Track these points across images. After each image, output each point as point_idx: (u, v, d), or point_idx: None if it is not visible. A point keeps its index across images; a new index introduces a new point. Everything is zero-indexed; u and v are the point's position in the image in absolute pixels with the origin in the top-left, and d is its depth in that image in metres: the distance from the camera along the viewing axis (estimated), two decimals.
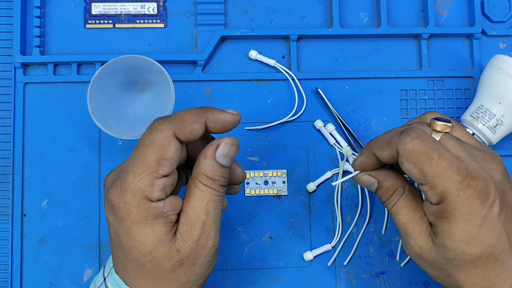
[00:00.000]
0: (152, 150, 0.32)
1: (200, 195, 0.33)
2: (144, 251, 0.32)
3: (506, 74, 0.44)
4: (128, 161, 0.33)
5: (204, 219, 0.33)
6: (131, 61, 0.42)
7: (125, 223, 0.32)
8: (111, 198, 0.32)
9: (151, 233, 0.32)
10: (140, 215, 0.32)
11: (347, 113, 0.49)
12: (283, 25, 0.49)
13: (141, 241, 0.32)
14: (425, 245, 0.34)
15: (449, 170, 0.32)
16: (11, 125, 0.46)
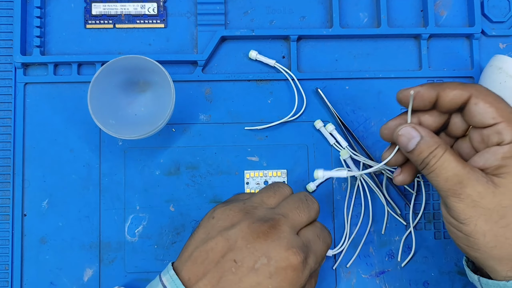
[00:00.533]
0: (319, 245, 0.38)
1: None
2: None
3: (506, 74, 0.44)
4: (312, 242, 0.37)
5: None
6: (132, 61, 0.42)
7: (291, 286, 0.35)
8: (297, 264, 0.35)
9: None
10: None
11: (347, 113, 0.49)
12: (283, 25, 0.49)
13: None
14: (486, 189, 0.33)
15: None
16: (11, 125, 0.46)
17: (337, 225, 0.47)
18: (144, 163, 0.47)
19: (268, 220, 0.35)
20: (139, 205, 0.46)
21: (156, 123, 0.43)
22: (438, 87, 0.36)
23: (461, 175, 0.34)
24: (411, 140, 0.36)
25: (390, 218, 0.47)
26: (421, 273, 0.47)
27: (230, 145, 0.47)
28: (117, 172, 0.47)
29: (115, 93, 0.44)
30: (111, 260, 0.46)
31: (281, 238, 0.35)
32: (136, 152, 0.47)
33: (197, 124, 0.48)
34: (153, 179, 0.47)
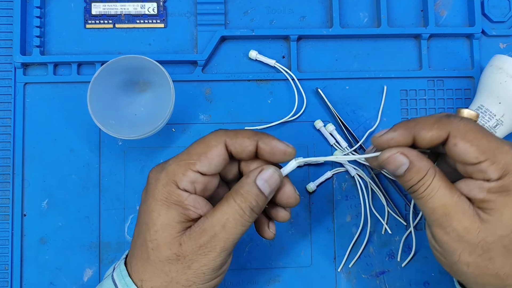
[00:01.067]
0: (199, 146, 0.34)
1: (225, 209, 0.33)
2: (151, 229, 0.33)
3: (506, 74, 0.44)
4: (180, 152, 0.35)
5: (217, 231, 0.33)
6: (131, 61, 0.42)
7: (148, 198, 0.34)
8: (149, 174, 0.35)
9: (164, 215, 0.33)
10: (163, 194, 0.33)
11: (347, 113, 0.48)
12: (283, 25, 0.49)
13: (152, 218, 0.33)
14: (472, 224, 0.32)
15: (503, 144, 0.32)
16: (11, 125, 0.46)
17: (337, 226, 0.47)
18: (144, 163, 0.47)
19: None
20: (139, 205, 0.46)
21: (156, 123, 0.43)
22: (413, 128, 0.34)
23: (448, 206, 0.33)
24: (399, 167, 0.34)
25: (390, 218, 0.47)
26: (421, 273, 0.47)
27: None
28: (117, 172, 0.47)
29: (114, 93, 0.44)
30: (111, 260, 0.46)
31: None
32: (136, 152, 0.47)
33: (197, 124, 0.48)
34: None
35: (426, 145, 0.34)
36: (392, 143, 0.34)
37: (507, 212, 0.32)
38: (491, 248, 0.32)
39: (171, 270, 0.33)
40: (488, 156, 0.32)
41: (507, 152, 0.32)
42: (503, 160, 0.32)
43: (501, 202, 0.32)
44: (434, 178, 0.33)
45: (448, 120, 0.33)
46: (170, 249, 0.33)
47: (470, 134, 0.32)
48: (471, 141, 0.32)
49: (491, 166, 0.32)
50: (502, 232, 0.32)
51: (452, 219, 0.33)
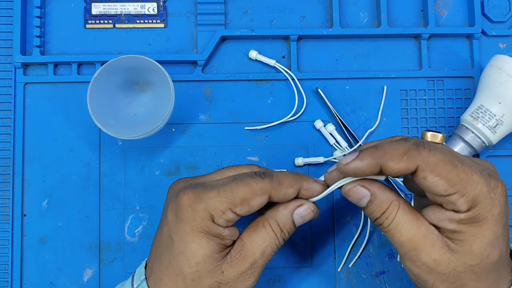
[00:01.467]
0: (245, 191, 0.34)
1: (264, 236, 0.35)
2: (191, 260, 0.33)
3: (506, 74, 0.44)
4: (216, 180, 0.35)
5: (257, 258, 0.34)
6: (131, 61, 0.42)
7: (185, 226, 0.33)
8: (184, 198, 0.34)
9: (205, 246, 0.33)
10: (202, 226, 0.33)
11: (347, 113, 0.48)
12: (283, 25, 0.49)
13: (193, 249, 0.33)
14: (442, 256, 0.32)
15: (474, 173, 0.31)
16: (11, 125, 0.46)
17: (337, 226, 0.47)
18: (144, 163, 0.47)
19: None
20: (139, 205, 0.46)
21: (156, 123, 0.43)
22: (380, 158, 0.32)
23: (415, 240, 0.33)
24: (361, 199, 0.34)
25: None
26: None
27: (230, 145, 0.47)
28: (117, 172, 0.47)
29: (114, 93, 0.44)
30: (111, 260, 0.46)
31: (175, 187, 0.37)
32: (136, 152, 0.47)
33: (197, 124, 0.48)
34: (153, 179, 0.47)
35: (394, 175, 0.33)
36: (358, 172, 0.33)
37: (477, 242, 0.32)
38: (462, 276, 0.33)
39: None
40: (458, 189, 0.31)
41: (476, 182, 0.31)
42: (472, 192, 0.31)
43: (471, 233, 0.32)
44: (398, 210, 0.33)
45: (417, 151, 0.32)
46: (212, 278, 0.34)
47: (439, 167, 0.31)
48: (440, 175, 0.31)
49: (461, 199, 0.31)
50: (472, 262, 0.32)
51: (421, 253, 0.33)
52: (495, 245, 0.32)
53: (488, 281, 0.33)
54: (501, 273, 0.34)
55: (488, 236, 0.32)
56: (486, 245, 0.32)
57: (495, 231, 0.32)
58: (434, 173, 0.31)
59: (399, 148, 0.32)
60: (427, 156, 0.31)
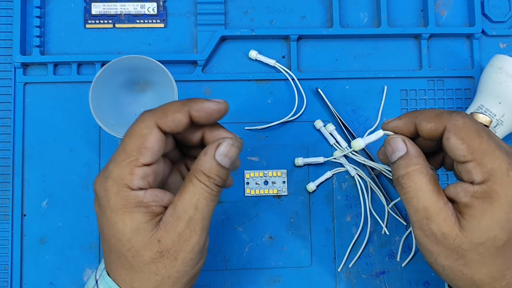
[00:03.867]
0: (133, 139, 0.32)
1: (192, 190, 0.33)
2: (123, 239, 0.32)
3: (506, 74, 0.44)
4: (114, 153, 0.34)
5: (192, 214, 0.32)
6: (133, 61, 0.42)
7: (106, 211, 0.32)
8: (95, 187, 0.33)
9: (129, 222, 0.32)
10: (118, 202, 0.32)
11: (347, 113, 0.48)
12: (283, 25, 0.49)
13: (119, 229, 0.32)
14: (451, 231, 0.32)
15: (498, 150, 0.32)
16: (11, 125, 0.46)
17: (337, 225, 0.47)
18: None
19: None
20: None
21: None
22: (416, 118, 0.34)
23: (431, 210, 0.33)
24: (395, 151, 0.35)
25: (390, 218, 0.47)
26: (421, 273, 0.47)
27: None
28: None
29: (116, 93, 0.44)
30: None
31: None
32: None
33: None
34: None
35: (426, 135, 0.34)
36: (397, 130, 0.36)
37: (485, 219, 0.32)
38: (466, 254, 0.33)
39: (159, 268, 0.33)
40: (475, 157, 0.32)
41: (497, 157, 0.32)
42: (489, 165, 0.32)
43: (481, 209, 0.32)
44: (424, 178, 0.33)
45: (448, 114, 0.33)
46: (150, 249, 0.32)
47: (464, 132, 0.32)
48: (463, 139, 0.32)
49: (476, 168, 0.32)
50: (478, 240, 0.32)
51: (432, 223, 0.33)
52: (503, 227, 0.31)
53: (493, 265, 0.33)
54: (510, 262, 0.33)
55: (498, 215, 0.31)
56: (494, 224, 0.31)
57: (506, 212, 0.31)
58: (457, 135, 0.32)
59: (434, 111, 0.34)
60: (455, 119, 0.32)
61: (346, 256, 0.47)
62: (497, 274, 0.33)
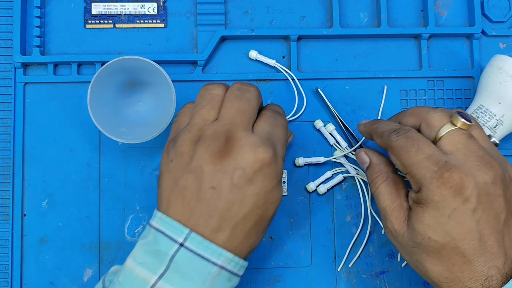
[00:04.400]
0: (286, 131, 0.39)
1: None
2: (277, 205, 0.37)
3: (506, 74, 0.44)
4: (271, 133, 0.37)
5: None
6: (129, 62, 0.42)
7: (273, 181, 0.36)
8: (269, 161, 0.35)
9: (282, 190, 0.38)
10: (281, 176, 0.37)
11: (347, 113, 0.49)
12: (283, 25, 0.49)
13: (278, 197, 0.37)
14: (400, 229, 0.37)
15: (426, 161, 0.35)
16: (11, 125, 0.46)
17: (337, 225, 0.47)
18: (144, 163, 0.47)
19: (220, 136, 0.35)
20: (139, 205, 0.46)
21: (157, 125, 0.43)
22: (373, 129, 0.41)
23: (387, 210, 0.38)
24: (363, 162, 0.42)
25: None
26: None
27: None
28: (117, 172, 0.47)
29: (114, 95, 0.44)
30: (111, 260, 0.46)
31: (242, 145, 0.35)
32: (136, 152, 0.47)
33: None
34: (153, 179, 0.47)
35: (378, 145, 0.40)
36: (364, 134, 0.43)
37: (418, 222, 0.36)
38: (414, 251, 0.37)
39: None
40: (408, 171, 0.36)
41: (422, 168, 0.35)
42: (417, 176, 0.36)
43: (416, 212, 0.36)
44: (383, 182, 0.39)
45: (388, 135, 0.38)
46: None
47: (396, 150, 0.37)
48: (397, 156, 0.37)
49: (411, 179, 0.37)
50: (416, 239, 0.36)
51: (387, 221, 0.38)
52: (436, 230, 0.35)
53: (442, 266, 0.35)
54: (462, 266, 0.35)
55: (428, 219, 0.35)
56: (425, 227, 0.35)
57: (434, 216, 0.35)
58: (393, 154, 0.38)
59: (385, 127, 0.39)
60: (391, 140, 0.38)
61: (346, 256, 0.47)
62: (450, 275, 0.35)
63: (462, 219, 0.34)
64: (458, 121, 0.36)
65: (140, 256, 0.35)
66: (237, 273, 0.36)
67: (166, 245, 0.34)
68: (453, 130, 0.36)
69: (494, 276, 0.34)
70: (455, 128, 0.36)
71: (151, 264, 0.34)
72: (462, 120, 0.36)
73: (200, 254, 0.34)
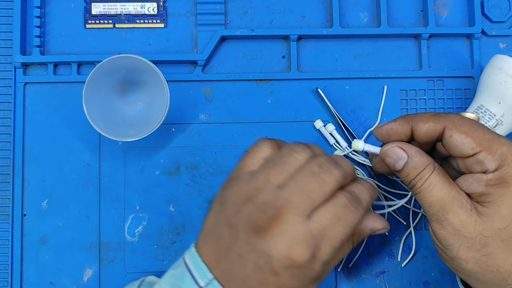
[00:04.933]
0: (350, 231, 0.33)
1: (346, 251, 0.37)
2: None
3: (506, 74, 0.44)
4: (323, 228, 0.32)
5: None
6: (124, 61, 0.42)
7: (301, 282, 0.32)
8: (302, 264, 0.31)
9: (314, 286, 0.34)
10: (318, 277, 0.33)
11: (347, 113, 0.49)
12: (283, 25, 0.49)
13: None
14: (469, 218, 0.32)
15: (501, 137, 0.33)
16: (11, 125, 0.46)
17: None
18: (144, 163, 0.47)
19: (267, 210, 0.31)
20: (139, 205, 0.46)
21: (152, 124, 0.42)
22: (411, 120, 0.35)
23: (445, 200, 0.33)
24: (398, 161, 0.35)
25: (390, 218, 0.47)
26: (421, 273, 0.47)
27: (230, 145, 0.47)
28: (117, 172, 0.47)
29: (109, 94, 0.44)
30: (111, 260, 0.46)
31: (283, 232, 0.31)
32: (136, 152, 0.47)
33: (197, 124, 0.48)
34: (153, 179, 0.47)
35: (423, 136, 0.35)
36: (391, 133, 0.36)
37: (505, 204, 0.32)
38: (489, 242, 0.32)
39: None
40: (484, 147, 0.32)
41: (503, 143, 0.32)
42: (499, 151, 0.32)
43: (499, 194, 0.32)
44: (432, 173, 0.34)
45: (445, 114, 0.34)
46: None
47: (464, 126, 0.33)
48: (466, 132, 0.33)
49: (488, 156, 0.32)
50: (500, 225, 0.32)
51: (449, 213, 0.33)
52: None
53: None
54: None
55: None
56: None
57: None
58: (459, 131, 0.33)
59: (429, 113, 0.35)
60: (453, 117, 0.34)
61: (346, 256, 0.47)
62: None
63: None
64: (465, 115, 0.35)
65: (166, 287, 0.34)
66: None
67: (189, 285, 0.33)
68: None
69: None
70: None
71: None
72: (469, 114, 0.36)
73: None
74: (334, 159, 0.34)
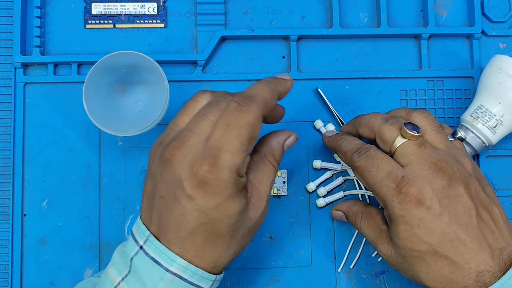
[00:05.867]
0: (247, 131, 0.33)
1: (268, 173, 0.37)
2: (230, 222, 0.33)
3: (506, 74, 0.44)
4: (216, 138, 0.32)
5: (269, 193, 0.37)
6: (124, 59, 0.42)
7: (216, 198, 0.32)
8: (206, 175, 0.32)
9: (239, 205, 0.34)
10: (234, 190, 0.33)
11: (347, 113, 0.49)
12: (283, 25, 0.49)
13: (230, 213, 0.33)
14: (388, 251, 0.39)
15: (385, 179, 0.37)
16: (11, 125, 0.46)
17: (336, 225, 0.47)
18: (144, 163, 0.47)
19: (172, 142, 0.33)
20: (139, 205, 0.46)
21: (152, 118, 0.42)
22: (340, 143, 0.42)
23: (373, 239, 0.40)
24: (341, 217, 0.45)
25: None
26: None
27: None
28: (117, 172, 0.47)
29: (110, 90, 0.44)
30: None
31: (184, 156, 0.32)
32: (136, 152, 0.47)
33: None
34: None
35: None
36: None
37: (396, 238, 0.37)
38: (405, 266, 0.38)
39: (243, 241, 0.36)
40: (371, 190, 0.39)
41: (384, 186, 0.37)
42: (380, 194, 0.38)
43: (391, 229, 0.38)
44: (361, 220, 0.42)
45: (351, 156, 0.40)
46: (244, 227, 0.35)
47: (359, 171, 0.39)
48: (360, 176, 0.39)
49: (377, 198, 0.39)
50: (401, 254, 0.37)
51: (377, 248, 0.40)
52: (412, 241, 0.36)
53: (434, 272, 0.36)
54: (450, 267, 0.35)
55: (401, 233, 0.37)
56: (403, 240, 0.37)
57: (406, 229, 0.36)
58: (357, 174, 0.40)
59: (348, 146, 0.41)
60: (355, 162, 0.39)
61: (346, 256, 0.47)
62: (443, 279, 0.36)
63: (431, 226, 0.36)
64: (406, 134, 0.37)
65: (114, 256, 0.36)
66: (198, 284, 0.34)
67: (131, 247, 0.35)
68: (404, 142, 0.38)
69: (485, 270, 0.35)
70: (406, 141, 0.38)
71: (119, 265, 0.35)
72: (409, 133, 0.37)
73: (154, 258, 0.34)
74: (241, 93, 0.35)
